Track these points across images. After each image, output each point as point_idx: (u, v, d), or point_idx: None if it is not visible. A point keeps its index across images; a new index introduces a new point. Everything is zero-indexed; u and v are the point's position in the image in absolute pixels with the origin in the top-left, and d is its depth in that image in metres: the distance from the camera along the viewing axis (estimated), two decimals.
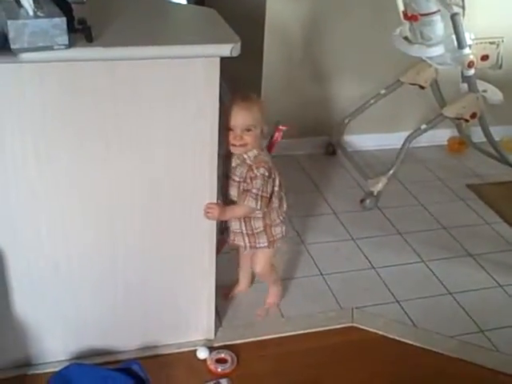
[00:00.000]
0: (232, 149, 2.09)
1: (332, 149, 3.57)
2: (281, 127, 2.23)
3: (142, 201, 1.93)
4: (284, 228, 2.24)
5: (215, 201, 2.00)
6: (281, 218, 2.22)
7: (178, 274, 2.10)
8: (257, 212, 2.12)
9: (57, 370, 1.96)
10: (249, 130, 2.06)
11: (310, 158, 3.53)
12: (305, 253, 2.73)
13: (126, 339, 2.15)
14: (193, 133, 1.87)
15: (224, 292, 2.41)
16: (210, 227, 2.04)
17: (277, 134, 2.26)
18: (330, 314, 2.39)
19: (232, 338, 2.25)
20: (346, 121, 3.46)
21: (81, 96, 1.72)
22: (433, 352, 2.23)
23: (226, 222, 2.17)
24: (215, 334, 2.24)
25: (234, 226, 2.19)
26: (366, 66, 3.42)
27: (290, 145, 3.44)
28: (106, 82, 1.72)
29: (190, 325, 2.20)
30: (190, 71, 1.76)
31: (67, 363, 2.03)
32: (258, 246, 2.21)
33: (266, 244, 2.20)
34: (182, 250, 2.06)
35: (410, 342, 2.27)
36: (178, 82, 1.77)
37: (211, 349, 2.17)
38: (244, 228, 2.18)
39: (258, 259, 2.27)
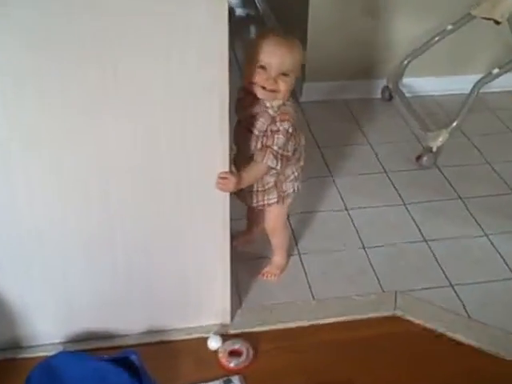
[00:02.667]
0: (259, 92, 1.74)
1: (388, 93, 3.12)
2: None
3: (140, 165, 1.60)
4: (297, 184, 1.94)
5: (227, 168, 1.65)
6: (296, 173, 1.92)
7: (186, 247, 1.78)
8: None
9: (49, 354, 1.70)
10: (285, 74, 1.72)
11: (361, 104, 3.10)
12: (346, 219, 2.36)
13: (127, 322, 1.86)
14: (198, 87, 1.51)
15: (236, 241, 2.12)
16: (223, 193, 1.69)
17: None
18: (370, 297, 2.03)
19: (252, 323, 1.93)
20: (406, 61, 3.01)
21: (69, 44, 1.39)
22: (491, 353, 1.85)
23: None
24: (232, 318, 1.93)
25: None
26: None
27: (338, 88, 3.09)
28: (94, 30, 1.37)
29: (201, 307, 1.89)
30: (192, 12, 1.40)
31: (61, 347, 1.81)
32: (266, 202, 1.92)
33: (275, 199, 1.92)
34: (190, 219, 1.73)
35: (464, 340, 1.89)
36: (178, 25, 1.41)
37: (225, 337, 1.86)
38: (255, 185, 1.88)
39: (268, 215, 2.00)
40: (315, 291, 2.05)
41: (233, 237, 1.84)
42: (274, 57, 1.69)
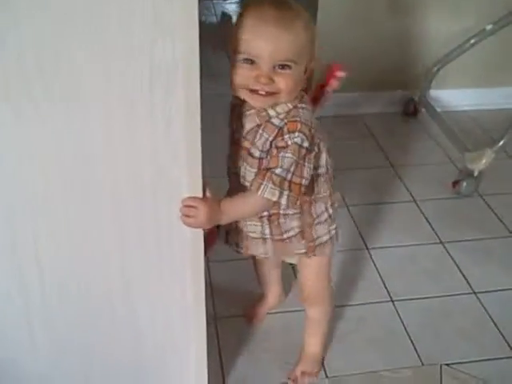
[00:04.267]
0: (250, 97, 1.17)
1: (413, 107, 2.64)
2: (337, 72, 1.32)
3: (70, 193, 1.06)
4: (334, 227, 1.34)
5: (200, 193, 1.10)
6: (330, 211, 1.33)
7: (143, 315, 1.23)
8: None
9: None
10: (285, 66, 1.14)
11: (381, 120, 2.59)
12: (368, 263, 1.82)
13: None
14: (151, 76, 0.98)
15: (248, 314, 1.62)
16: (193, 235, 1.15)
17: (330, 82, 1.33)
18: (404, 373, 1.48)
19: None
20: (435, 69, 2.54)
21: None
22: None
23: None
24: None
25: (248, 226, 1.31)
26: None
27: (353, 100, 2.60)
28: None
29: None
30: None
31: None
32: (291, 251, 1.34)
33: (302, 250, 1.33)
34: (144, 275, 1.18)
35: None
36: None
37: None
38: (268, 231, 1.30)
39: (303, 275, 1.40)
40: (329, 363, 1.50)
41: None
42: (263, 45, 1.12)
